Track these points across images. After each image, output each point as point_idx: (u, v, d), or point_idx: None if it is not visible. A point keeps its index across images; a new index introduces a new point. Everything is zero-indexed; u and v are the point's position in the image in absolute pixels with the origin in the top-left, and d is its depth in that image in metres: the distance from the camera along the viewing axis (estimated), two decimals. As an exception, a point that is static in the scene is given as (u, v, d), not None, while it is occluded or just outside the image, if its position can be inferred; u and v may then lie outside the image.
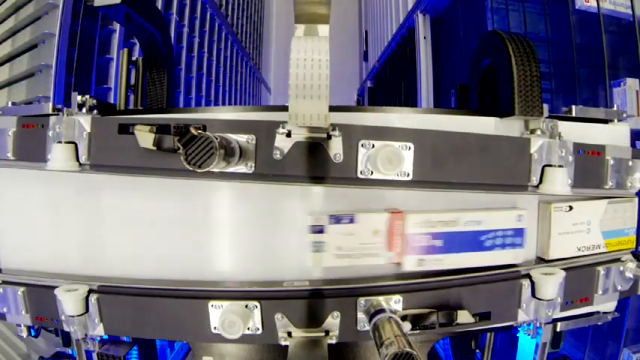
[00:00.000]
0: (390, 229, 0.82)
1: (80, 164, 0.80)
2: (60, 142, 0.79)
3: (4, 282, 0.92)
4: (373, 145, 0.77)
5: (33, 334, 1.01)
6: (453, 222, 0.84)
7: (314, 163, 0.76)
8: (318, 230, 0.80)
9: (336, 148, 0.75)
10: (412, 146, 0.78)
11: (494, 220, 0.87)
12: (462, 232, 0.85)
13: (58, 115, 0.84)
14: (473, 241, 0.85)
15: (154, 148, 0.70)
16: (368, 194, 0.84)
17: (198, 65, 3.95)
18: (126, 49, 1.43)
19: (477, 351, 1.31)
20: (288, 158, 0.75)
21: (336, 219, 0.80)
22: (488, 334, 1.24)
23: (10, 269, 0.95)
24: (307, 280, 0.85)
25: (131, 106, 1.47)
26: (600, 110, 1.02)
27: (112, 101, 2.18)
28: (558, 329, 0.98)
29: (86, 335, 0.87)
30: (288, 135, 0.74)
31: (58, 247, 0.92)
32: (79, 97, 0.81)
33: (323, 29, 0.81)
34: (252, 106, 1.70)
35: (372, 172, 0.77)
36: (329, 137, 0.74)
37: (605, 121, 1.01)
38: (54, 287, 0.85)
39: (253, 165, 0.75)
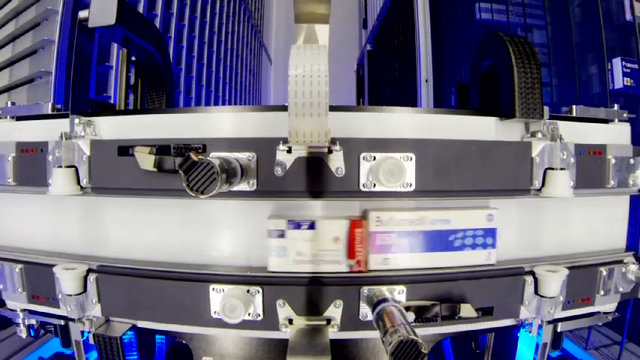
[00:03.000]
0: (349, 236, 0.79)
1: (82, 187, 0.80)
2: (60, 166, 0.79)
3: (2, 259, 0.92)
4: (374, 158, 0.76)
5: (33, 334, 1.01)
6: (419, 220, 0.81)
7: (316, 178, 0.75)
8: (279, 235, 0.79)
9: (337, 162, 0.75)
10: (413, 157, 0.78)
11: (463, 219, 0.84)
12: (428, 232, 0.82)
13: (57, 117, 0.83)
14: (441, 240, 0.82)
15: (155, 169, 0.70)
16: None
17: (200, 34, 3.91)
18: (125, 49, 1.41)
19: (477, 352, 1.32)
20: (289, 174, 0.75)
21: (296, 224, 0.79)
22: (489, 334, 1.25)
23: (8, 246, 0.95)
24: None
25: (131, 106, 1.46)
26: (601, 110, 1.01)
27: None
28: (559, 329, 0.99)
29: (83, 316, 0.86)
30: (289, 151, 0.73)
31: (58, 228, 0.92)
32: (76, 120, 0.80)
33: (323, 29, 0.80)
34: (252, 106, 1.68)
35: (374, 185, 0.77)
36: (330, 151, 0.74)
37: (605, 121, 1.01)
38: (52, 265, 0.84)
39: (255, 183, 0.75)
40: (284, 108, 0.73)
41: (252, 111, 0.86)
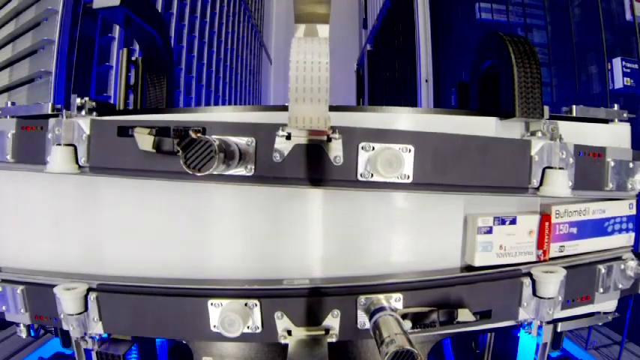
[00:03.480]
0: (540, 229, 0.90)
1: (79, 167, 0.80)
2: (59, 144, 0.79)
3: (4, 280, 0.91)
4: (373, 148, 0.76)
5: (32, 334, 1.00)
6: (585, 211, 0.94)
7: (314, 165, 0.75)
8: (487, 231, 0.86)
9: (336, 150, 0.75)
10: (412, 149, 0.78)
11: (614, 208, 0.98)
12: (591, 220, 0.95)
13: (57, 117, 0.84)
14: (599, 227, 0.97)
15: (154, 150, 0.70)
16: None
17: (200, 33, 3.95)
18: (125, 49, 1.43)
19: (477, 352, 1.31)
20: (287, 161, 0.75)
21: (501, 220, 0.87)
22: (489, 334, 1.24)
23: (9, 268, 0.94)
24: (307, 278, 0.84)
25: (131, 106, 1.46)
26: (601, 110, 1.02)
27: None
28: (559, 330, 0.98)
29: (85, 334, 0.86)
30: (288, 137, 0.73)
31: (58, 246, 0.92)
32: (78, 100, 0.80)
33: (323, 29, 0.81)
34: (252, 106, 1.69)
35: (372, 175, 0.77)
36: (329, 140, 0.74)
37: (605, 121, 1.01)
38: (53, 286, 0.84)
39: (253, 168, 0.75)
40: (284, 108, 0.73)
41: (252, 111, 0.87)
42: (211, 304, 0.80)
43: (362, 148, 0.76)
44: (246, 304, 0.79)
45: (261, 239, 0.86)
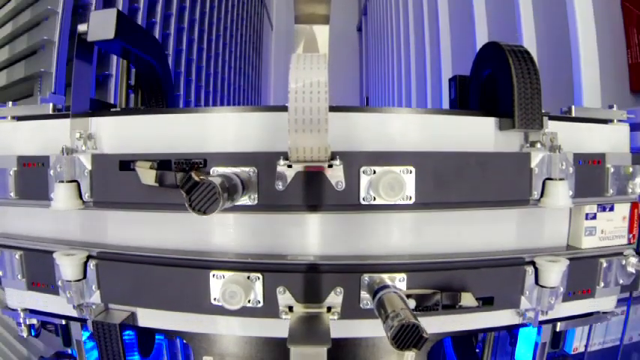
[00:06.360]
0: (631, 215, 0.99)
1: (84, 202, 0.81)
2: (62, 181, 0.79)
3: (1, 245, 0.92)
4: (374, 171, 0.77)
5: (33, 333, 1.02)
6: None
7: (317, 192, 0.76)
8: (592, 217, 0.96)
9: (337, 176, 0.76)
10: (413, 170, 0.78)
11: None
12: None
13: (57, 117, 0.84)
14: None
15: (156, 184, 0.70)
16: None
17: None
18: (126, 55, 1.41)
19: (477, 351, 1.33)
20: (290, 189, 0.75)
21: (603, 207, 0.97)
22: (488, 334, 1.26)
23: (8, 234, 0.95)
24: (311, 255, 0.85)
25: (132, 106, 1.46)
26: (600, 110, 1.01)
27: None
28: (558, 329, 0.99)
29: (83, 303, 0.87)
30: (290, 166, 0.74)
31: (59, 215, 0.92)
32: (77, 134, 0.81)
33: (323, 30, 0.79)
34: (252, 107, 1.69)
35: (374, 198, 0.77)
36: (330, 165, 0.75)
37: (604, 121, 1.00)
38: (52, 252, 0.85)
39: (256, 197, 0.76)
40: (284, 108, 0.72)
41: (252, 111, 0.87)
42: (213, 275, 0.80)
43: (363, 172, 0.77)
44: (248, 277, 0.79)
45: (265, 215, 0.85)
